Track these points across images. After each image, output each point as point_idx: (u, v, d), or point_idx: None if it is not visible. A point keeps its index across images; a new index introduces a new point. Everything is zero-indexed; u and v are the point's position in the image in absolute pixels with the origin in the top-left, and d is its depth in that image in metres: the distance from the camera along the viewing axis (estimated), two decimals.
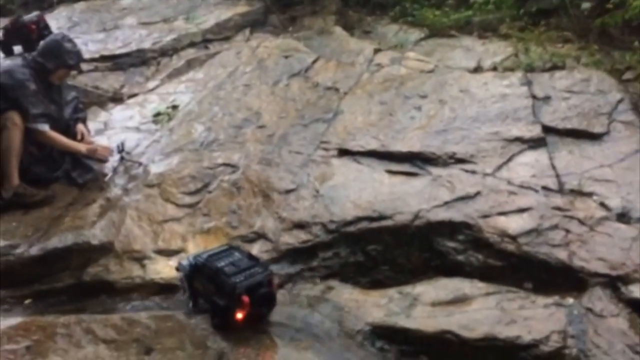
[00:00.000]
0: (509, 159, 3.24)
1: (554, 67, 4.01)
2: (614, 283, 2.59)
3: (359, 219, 3.02)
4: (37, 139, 3.50)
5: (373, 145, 3.49)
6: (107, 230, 3.17)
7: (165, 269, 2.99)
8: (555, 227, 2.82)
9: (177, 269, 2.68)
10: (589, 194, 2.99)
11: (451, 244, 2.89)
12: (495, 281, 2.72)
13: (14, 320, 2.60)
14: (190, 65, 4.94)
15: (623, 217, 2.86)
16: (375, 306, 2.69)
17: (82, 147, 3.63)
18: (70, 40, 3.62)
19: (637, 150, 3.21)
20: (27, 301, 2.97)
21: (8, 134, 3.36)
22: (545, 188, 3.04)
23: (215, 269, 2.46)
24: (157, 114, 4.25)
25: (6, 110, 3.38)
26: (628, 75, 3.89)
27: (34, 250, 3.09)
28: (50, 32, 5.03)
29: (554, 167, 3.16)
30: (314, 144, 3.62)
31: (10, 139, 3.36)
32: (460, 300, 2.64)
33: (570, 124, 3.43)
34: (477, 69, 4.24)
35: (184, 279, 2.62)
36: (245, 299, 2.36)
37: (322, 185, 3.28)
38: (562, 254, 2.71)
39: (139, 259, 3.06)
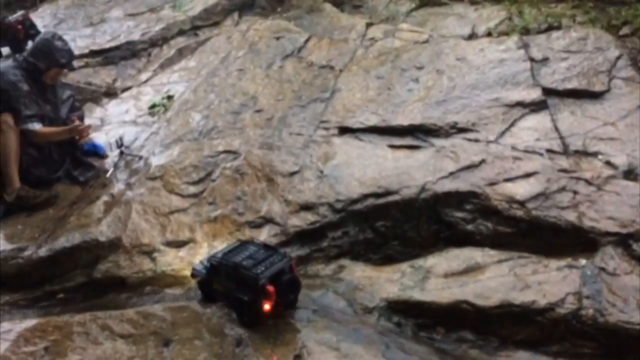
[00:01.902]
0: (512, 125, 3.22)
1: (550, 28, 3.96)
2: (625, 241, 2.59)
3: (365, 196, 3.01)
4: (32, 140, 3.47)
5: (373, 120, 3.46)
6: (114, 226, 3.16)
7: (175, 261, 2.99)
8: (562, 189, 2.81)
9: (193, 275, 2.62)
10: (594, 154, 2.98)
11: (459, 214, 2.88)
12: (507, 248, 2.72)
13: (29, 322, 2.60)
14: (181, 53, 4.87)
15: (630, 174, 2.86)
16: (389, 282, 2.69)
17: (66, 129, 3.54)
18: (60, 39, 3.56)
19: (639, 105, 3.19)
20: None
21: (3, 137, 3.33)
22: (550, 151, 3.02)
23: (234, 264, 2.40)
24: (153, 106, 4.21)
25: (0, 113, 3.34)
26: (625, 30, 3.85)
27: (43, 252, 3.09)
28: (36, 31, 4.96)
29: (557, 129, 3.14)
30: (313, 124, 3.59)
31: (6, 142, 3.34)
32: (473, 270, 2.65)
33: (571, 84, 3.40)
34: (472, 36, 4.18)
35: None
36: (271, 288, 2.32)
37: (325, 165, 3.26)
38: (571, 216, 2.71)
39: (149, 252, 3.05)
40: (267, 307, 2.34)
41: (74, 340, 2.44)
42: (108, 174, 3.58)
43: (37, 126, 3.43)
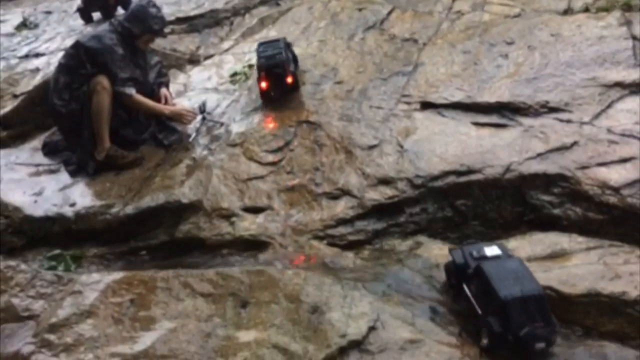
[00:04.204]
0: (608, 106, 3.03)
1: None
2: None
3: (446, 174, 2.94)
4: (124, 103, 3.61)
5: (458, 96, 3.35)
6: (196, 189, 3.25)
7: (252, 226, 3.05)
8: None
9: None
10: None
11: (546, 198, 2.76)
12: (596, 235, 2.59)
13: (117, 275, 2.73)
14: (263, 23, 4.90)
15: None
16: None
17: (166, 110, 3.72)
18: (154, 6, 3.66)
19: None
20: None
21: (98, 97, 3.49)
22: None
23: (257, 55, 3.72)
24: (234, 74, 4.27)
25: (95, 74, 3.50)
26: None
27: (129, 209, 3.23)
28: None
29: None
30: (394, 98, 3.52)
31: (100, 103, 3.49)
32: (558, 255, 2.53)
33: None
34: (568, 11, 3.94)
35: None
36: (264, 74, 3.60)
37: (405, 140, 3.20)
38: None
39: (227, 216, 3.12)
40: (263, 85, 3.65)
41: (157, 294, 2.55)
42: (191, 139, 3.68)
43: (132, 91, 3.56)
